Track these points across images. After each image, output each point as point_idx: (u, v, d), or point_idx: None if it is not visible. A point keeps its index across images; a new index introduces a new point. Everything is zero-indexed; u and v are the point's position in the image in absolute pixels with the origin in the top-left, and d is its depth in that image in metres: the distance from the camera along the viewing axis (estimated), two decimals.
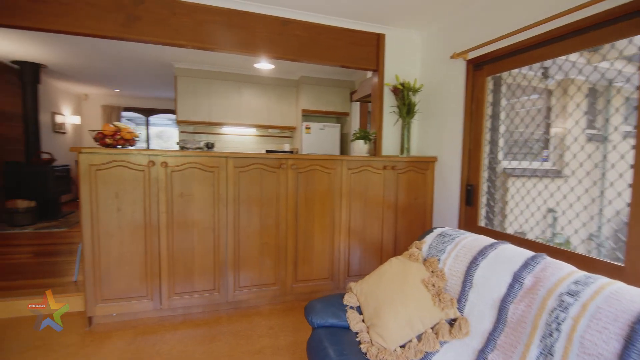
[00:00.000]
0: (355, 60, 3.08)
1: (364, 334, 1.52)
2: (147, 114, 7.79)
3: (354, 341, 1.50)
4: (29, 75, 4.83)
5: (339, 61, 3.04)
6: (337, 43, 2.98)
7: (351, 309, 1.67)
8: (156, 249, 2.37)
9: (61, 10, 2.37)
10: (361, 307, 1.67)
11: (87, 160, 2.22)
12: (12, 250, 3.60)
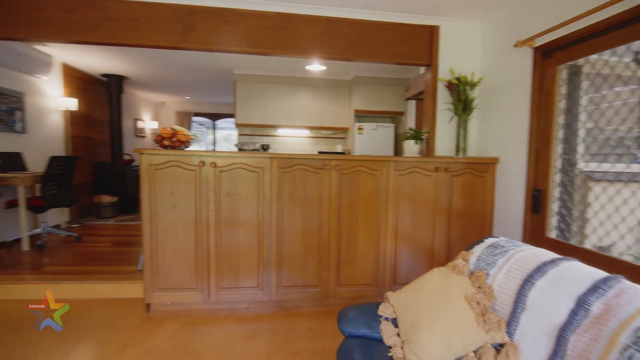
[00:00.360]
0: (406, 56, 2.92)
1: (398, 349, 1.40)
2: (213, 118, 8.39)
3: (386, 356, 1.39)
4: (115, 87, 5.51)
5: (388, 58, 2.90)
6: (386, 39, 2.85)
7: (386, 320, 1.56)
8: (205, 245, 2.50)
9: (129, 25, 2.64)
10: (397, 319, 1.55)
11: (147, 161, 2.43)
12: (97, 240, 4.12)
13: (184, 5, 2.65)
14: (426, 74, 3.05)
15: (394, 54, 2.89)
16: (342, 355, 1.48)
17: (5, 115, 3.75)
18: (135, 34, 2.67)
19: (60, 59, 4.62)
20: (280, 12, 2.73)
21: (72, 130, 4.93)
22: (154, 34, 2.67)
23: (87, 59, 4.65)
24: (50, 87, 4.50)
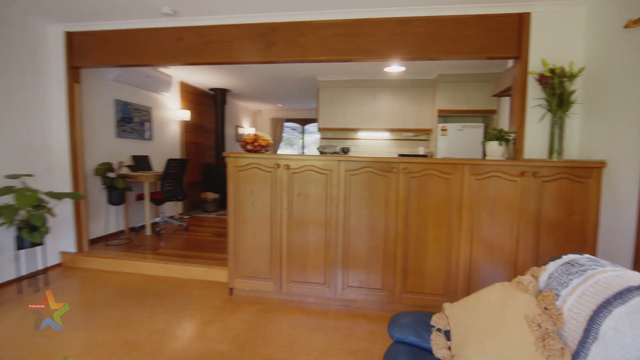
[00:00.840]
0: (489, 50, 2.68)
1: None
2: (303, 123, 8.93)
3: None
4: (220, 98, 6.36)
5: (468, 53, 2.70)
6: (465, 33, 2.67)
7: (438, 331, 1.49)
8: (278, 240, 2.73)
9: (223, 46, 3.05)
10: (451, 331, 1.46)
11: (233, 163, 2.78)
12: (201, 230, 4.83)
13: (266, 24, 2.94)
14: (514, 67, 2.74)
15: (474, 48, 2.68)
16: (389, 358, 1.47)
17: (138, 126, 4.71)
18: (228, 53, 3.08)
19: (178, 78, 5.57)
20: (353, 19, 2.81)
21: (186, 137, 5.89)
22: (242, 52, 3.04)
23: (198, 76, 5.49)
24: (170, 102, 5.47)
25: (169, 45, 3.15)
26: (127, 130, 4.51)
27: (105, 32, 3.27)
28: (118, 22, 3.18)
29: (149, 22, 3.13)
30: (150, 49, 3.19)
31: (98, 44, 3.32)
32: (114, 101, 4.27)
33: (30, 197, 2.62)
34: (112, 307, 2.61)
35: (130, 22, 3.17)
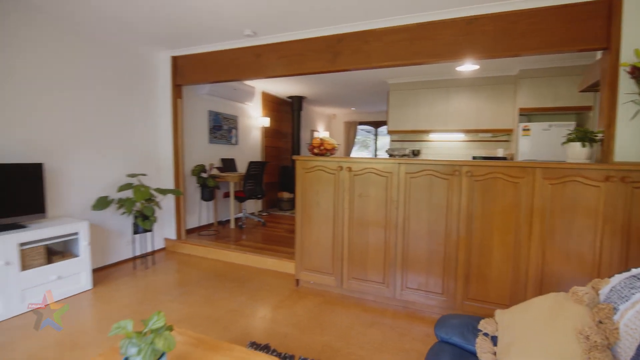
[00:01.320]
0: (570, 42, 2.44)
1: None
2: (376, 126, 8.96)
3: None
4: (296, 105, 6.82)
5: (544, 48, 2.51)
6: (540, 27, 2.48)
7: (484, 336, 1.48)
8: (340, 238, 2.90)
9: (295, 59, 3.36)
10: (498, 337, 1.45)
11: (301, 165, 3.04)
12: (276, 226, 5.28)
13: (333, 35, 3.15)
14: (602, 59, 2.45)
15: (551, 42, 2.48)
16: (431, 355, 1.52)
17: (226, 132, 5.37)
18: (300, 66, 3.37)
19: (260, 88, 6.17)
20: (416, 23, 2.84)
21: (265, 142, 6.47)
22: (312, 63, 3.30)
23: (277, 86, 6.00)
24: (253, 110, 6.09)
25: (250, 61, 3.58)
26: (218, 136, 5.19)
27: (200, 55, 3.87)
28: (210, 45, 3.75)
29: (234, 44, 3.61)
30: (235, 66, 3.67)
31: (195, 64, 3.94)
32: (207, 112, 4.98)
33: (144, 192, 3.28)
34: (201, 287, 3.09)
35: (219, 45, 3.70)
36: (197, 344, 1.45)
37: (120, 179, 3.58)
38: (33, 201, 2.75)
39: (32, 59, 2.85)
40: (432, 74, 4.90)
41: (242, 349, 1.43)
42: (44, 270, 2.66)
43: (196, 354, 1.38)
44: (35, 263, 2.64)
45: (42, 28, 2.91)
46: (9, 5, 2.68)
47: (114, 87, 3.56)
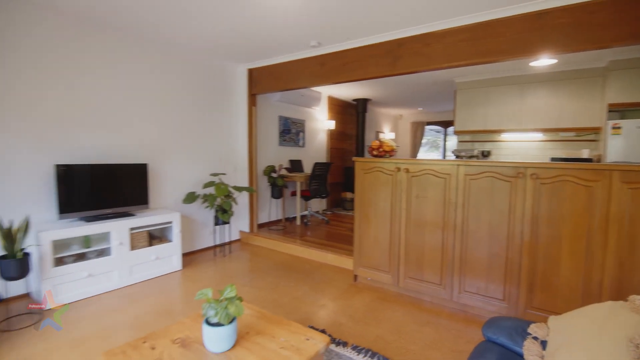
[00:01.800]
0: None
1: None
2: (445, 126, 8.62)
3: None
4: (361, 107, 6.96)
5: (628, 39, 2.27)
6: (622, 16, 2.26)
7: (533, 339, 1.48)
8: (397, 237, 2.98)
9: (357, 65, 3.52)
10: (548, 342, 1.43)
11: (360, 166, 3.20)
12: (339, 224, 5.50)
13: (393, 40, 3.24)
14: None
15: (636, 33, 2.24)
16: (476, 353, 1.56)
17: (295, 136, 5.76)
18: (362, 71, 3.53)
19: (326, 93, 6.45)
20: (479, 22, 2.78)
21: (331, 144, 6.74)
22: (373, 68, 3.43)
23: (343, 90, 6.22)
24: (319, 114, 6.40)
25: (315, 70, 3.85)
26: (287, 139, 5.60)
27: (271, 66, 4.27)
28: (280, 57, 4.11)
29: (300, 54, 3.91)
30: (302, 75, 3.98)
31: (267, 75, 4.36)
32: (277, 117, 5.42)
33: (223, 189, 3.76)
34: (269, 275, 3.44)
35: (288, 56, 4.04)
36: (260, 317, 1.72)
37: (204, 177, 4.15)
38: (140, 194, 3.38)
39: (138, 78, 3.51)
40: (503, 70, 4.62)
41: (298, 325, 1.65)
42: (146, 251, 3.26)
43: (260, 324, 1.64)
44: (141, 245, 3.25)
45: (144, 50, 3.56)
46: (126, 37, 3.35)
47: (200, 99, 4.14)
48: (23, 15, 2.71)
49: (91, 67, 3.13)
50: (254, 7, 2.77)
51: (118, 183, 3.21)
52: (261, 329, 1.60)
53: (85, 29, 3.07)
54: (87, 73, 3.11)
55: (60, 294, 2.69)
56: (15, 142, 2.72)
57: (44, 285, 2.60)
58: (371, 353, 2.10)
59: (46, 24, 2.84)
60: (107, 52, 3.24)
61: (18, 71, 2.70)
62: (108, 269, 2.98)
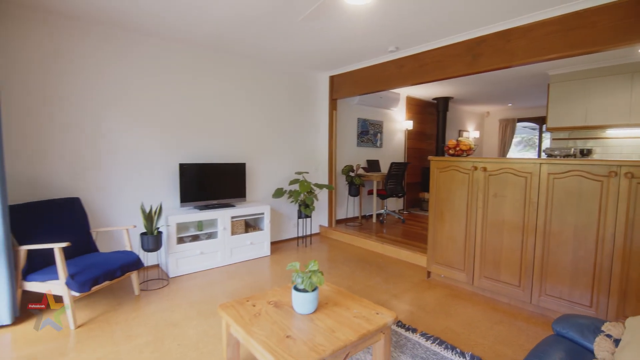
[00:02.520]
0: None
1: None
2: (541, 122, 7.83)
3: None
4: (442, 106, 6.81)
5: None
6: None
7: (606, 337, 1.47)
8: (472, 236, 2.99)
9: (434, 66, 3.59)
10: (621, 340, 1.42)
11: (435, 165, 3.28)
12: (415, 224, 5.53)
13: (472, 39, 3.24)
14: None
15: None
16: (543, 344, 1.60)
17: (372, 137, 5.97)
18: (440, 71, 3.59)
19: (405, 93, 6.50)
20: (568, 13, 2.64)
21: (408, 144, 6.76)
22: (451, 68, 3.46)
23: (422, 90, 6.20)
24: (397, 115, 6.48)
25: (393, 73, 4.02)
26: (364, 140, 5.85)
27: (351, 72, 4.57)
28: (359, 64, 4.39)
29: (378, 60, 4.13)
30: (380, 78, 4.19)
31: (347, 80, 4.67)
32: (356, 119, 5.70)
33: (306, 186, 4.19)
34: (345, 265, 3.74)
35: (366, 62, 4.29)
36: (337, 293, 2.01)
37: (290, 175, 4.66)
38: (239, 189, 4.00)
39: (236, 92, 4.15)
40: (606, 58, 4.11)
41: (369, 302, 1.89)
42: (243, 237, 3.85)
43: (337, 298, 1.94)
44: (239, 231, 3.85)
45: (241, 67, 4.19)
46: (231, 57, 4.01)
47: (287, 106, 4.65)
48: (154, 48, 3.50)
49: (203, 84, 3.85)
50: (336, 22, 3.09)
51: (222, 179, 3.87)
52: (338, 302, 1.89)
53: (201, 53, 3.79)
54: (200, 89, 3.83)
55: (181, 267, 3.40)
56: (153, 146, 3.52)
57: (170, 259, 3.33)
58: (439, 341, 2.22)
59: (174, 51, 3.60)
60: (216, 70, 3.93)
61: (147, 90, 3.51)
62: (214, 249, 3.63)
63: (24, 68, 2.82)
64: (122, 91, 3.30)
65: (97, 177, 3.22)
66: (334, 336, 1.53)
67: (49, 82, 2.94)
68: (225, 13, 2.90)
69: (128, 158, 3.38)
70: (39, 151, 2.92)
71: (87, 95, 3.12)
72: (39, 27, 2.86)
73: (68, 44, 3.00)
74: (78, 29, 3.04)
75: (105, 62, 3.20)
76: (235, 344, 1.85)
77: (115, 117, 3.28)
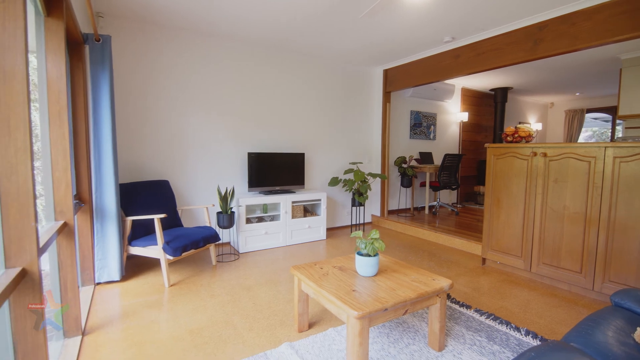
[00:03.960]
0: None
1: None
2: (613, 112, 7.19)
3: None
4: (500, 97, 6.58)
5: None
6: None
7: None
8: (531, 222, 2.99)
9: (492, 54, 3.59)
10: None
11: (492, 152, 3.31)
12: (468, 216, 5.46)
13: (533, 25, 3.20)
14: None
15: None
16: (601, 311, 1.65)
17: (425, 129, 5.99)
18: (497, 59, 3.58)
19: (460, 85, 6.40)
20: None
21: (463, 136, 6.64)
22: (510, 55, 3.45)
23: (478, 80, 6.07)
24: (451, 107, 6.41)
25: (449, 63, 4.07)
26: (417, 132, 5.90)
27: (405, 65, 4.68)
28: (413, 56, 4.48)
29: (433, 51, 4.20)
30: (435, 69, 4.25)
31: (401, 74, 4.79)
32: (409, 112, 5.77)
33: (361, 175, 4.40)
34: (398, 251, 3.90)
35: (421, 54, 4.38)
36: (395, 263, 2.21)
37: (344, 165, 4.90)
38: (298, 177, 4.33)
39: (295, 87, 4.48)
40: None
41: (425, 271, 2.07)
42: (302, 220, 4.17)
43: (395, 267, 2.14)
44: (298, 215, 4.18)
45: (301, 63, 4.51)
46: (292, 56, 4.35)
47: (342, 99, 4.90)
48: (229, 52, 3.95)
49: (266, 82, 4.23)
50: (394, 15, 3.26)
51: (284, 167, 4.23)
52: (396, 269, 2.09)
53: (263, 52, 4.18)
54: (264, 86, 4.22)
55: (249, 244, 3.81)
56: (225, 138, 3.98)
57: (240, 236, 3.75)
58: (493, 317, 2.31)
59: (244, 52, 4.03)
60: (278, 69, 4.30)
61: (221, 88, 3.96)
62: (277, 230, 3.99)
63: (126, 74, 3.40)
64: (200, 90, 3.79)
65: (181, 163, 3.74)
66: (395, 293, 1.74)
67: (146, 84, 3.50)
68: (289, 15, 3.22)
69: (205, 147, 3.87)
70: (138, 141, 3.49)
71: (174, 95, 3.64)
72: (138, 35, 3.43)
73: (159, 49, 3.54)
74: (166, 36, 3.57)
75: (189, 66, 3.70)
76: (305, 300, 2.14)
77: (195, 113, 3.78)
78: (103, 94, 2.75)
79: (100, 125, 2.76)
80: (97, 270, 2.83)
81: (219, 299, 2.60)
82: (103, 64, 2.75)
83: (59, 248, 1.92)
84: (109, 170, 2.78)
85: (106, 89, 2.75)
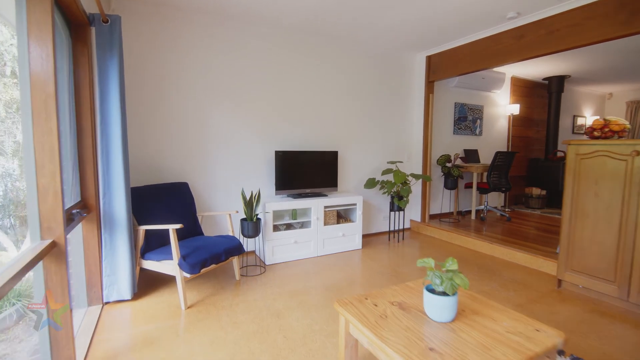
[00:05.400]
0: None
1: None
2: None
3: None
4: (555, 87, 5.80)
5: None
6: None
7: None
8: (631, 239, 2.36)
9: (568, 32, 2.95)
10: None
11: (574, 151, 2.69)
12: (523, 222, 4.79)
13: None
14: None
15: None
16: None
17: (471, 123, 5.33)
18: (575, 37, 2.94)
19: (510, 73, 5.68)
20: None
21: (512, 131, 5.91)
22: (592, 32, 2.80)
23: (532, 68, 5.34)
24: (500, 98, 5.70)
25: (508, 45, 3.44)
26: (462, 127, 5.26)
27: (451, 50, 4.07)
28: (462, 39, 3.87)
29: (491, 31, 3.57)
30: (489, 54, 3.63)
31: (446, 60, 4.18)
32: (453, 104, 5.13)
33: (401, 176, 3.85)
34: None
35: (473, 36, 3.76)
36: (472, 299, 1.68)
37: (381, 164, 4.36)
38: (330, 178, 3.84)
39: (328, 79, 3.97)
40: None
41: (518, 313, 1.53)
42: (335, 227, 3.68)
43: (474, 305, 1.61)
44: (331, 222, 3.70)
45: (332, 47, 3.99)
46: (323, 42, 3.85)
47: (379, 91, 4.35)
48: (254, 40, 3.49)
49: (294, 71, 3.75)
50: None
51: (315, 167, 3.75)
52: (476, 310, 1.56)
53: (293, 36, 3.70)
54: (292, 76, 3.74)
55: (276, 255, 3.36)
56: (249, 134, 3.54)
57: (266, 246, 3.31)
58: None
59: (265, 35, 3.56)
60: (307, 55, 3.80)
61: (245, 80, 3.50)
62: (307, 239, 3.53)
63: (139, 61, 3.01)
64: (222, 80, 3.36)
65: (201, 163, 3.33)
66: (491, 355, 1.22)
67: (161, 73, 3.10)
68: None
69: (228, 144, 3.44)
70: (152, 138, 3.10)
71: (193, 85, 3.23)
72: (153, 17, 3.02)
73: (177, 33, 3.13)
74: (184, 19, 3.15)
75: (210, 53, 3.28)
76: (354, 345, 1.65)
77: (217, 106, 3.36)
78: (111, 84, 2.36)
79: (109, 120, 2.37)
80: (106, 288, 2.46)
81: (243, 328, 2.16)
82: (111, 48, 2.35)
83: (46, 274, 1.52)
84: (118, 172, 2.40)
85: (115, 78, 2.36)
